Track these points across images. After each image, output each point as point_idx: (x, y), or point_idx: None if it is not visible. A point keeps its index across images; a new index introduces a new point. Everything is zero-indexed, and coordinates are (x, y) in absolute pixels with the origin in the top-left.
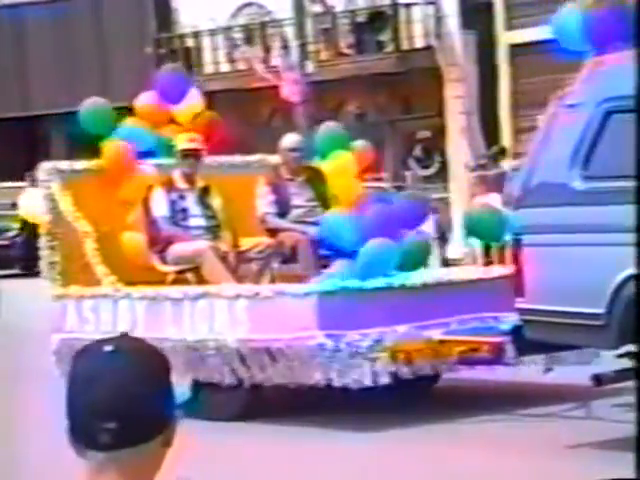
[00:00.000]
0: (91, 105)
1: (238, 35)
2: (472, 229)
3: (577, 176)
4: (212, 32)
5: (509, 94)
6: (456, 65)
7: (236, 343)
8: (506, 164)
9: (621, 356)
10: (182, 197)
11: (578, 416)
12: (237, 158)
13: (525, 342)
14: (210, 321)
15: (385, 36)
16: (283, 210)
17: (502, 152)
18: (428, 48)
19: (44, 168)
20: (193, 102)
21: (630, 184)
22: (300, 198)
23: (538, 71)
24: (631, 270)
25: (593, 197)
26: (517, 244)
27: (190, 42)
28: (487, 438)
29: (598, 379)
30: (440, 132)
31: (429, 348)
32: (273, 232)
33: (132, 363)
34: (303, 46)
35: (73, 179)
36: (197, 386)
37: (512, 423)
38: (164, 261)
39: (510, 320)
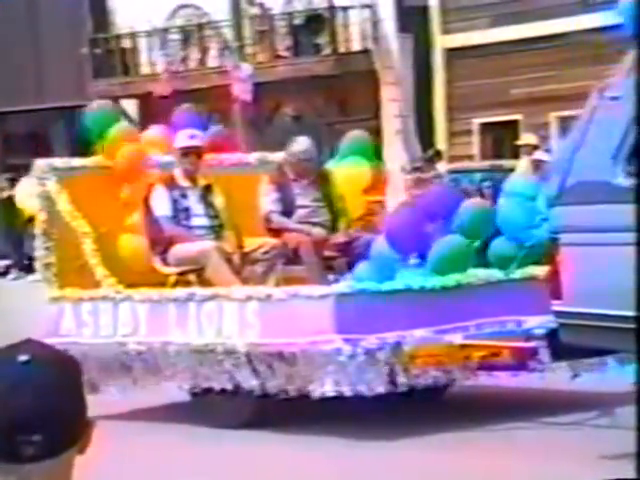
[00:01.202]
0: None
1: (175, 36)
2: None
3: (621, 172)
4: (149, 33)
5: (444, 97)
6: (392, 68)
7: (246, 347)
8: (441, 167)
9: None
10: (184, 195)
11: (605, 425)
12: (237, 156)
13: (560, 346)
14: (218, 324)
15: (322, 39)
16: (287, 209)
17: (437, 155)
18: (365, 51)
19: (39, 165)
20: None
21: None
22: (305, 198)
23: (473, 75)
24: None
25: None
26: (554, 244)
27: (127, 43)
28: (511, 446)
29: None
30: (376, 134)
31: (449, 353)
32: (276, 232)
33: (49, 372)
34: (241, 48)
35: (70, 177)
36: (203, 392)
37: (538, 431)
38: (166, 262)
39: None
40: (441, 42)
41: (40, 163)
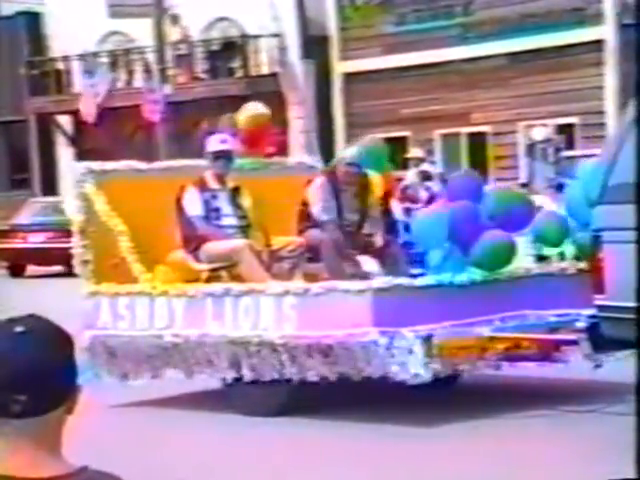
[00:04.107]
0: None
1: (104, 60)
2: None
3: None
4: (81, 57)
5: (343, 116)
6: (297, 90)
7: (282, 339)
8: None
9: None
10: (214, 197)
11: (622, 412)
12: (273, 160)
13: (601, 339)
14: (255, 318)
15: (236, 63)
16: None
17: None
18: (273, 75)
19: (77, 168)
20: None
21: None
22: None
23: (368, 96)
24: None
25: None
26: (597, 242)
27: (60, 65)
28: (531, 432)
29: None
30: (283, 148)
31: (477, 345)
32: (300, 230)
33: (40, 343)
34: (163, 71)
35: (106, 179)
36: (238, 381)
37: (558, 419)
38: (198, 259)
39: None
40: (339, 67)
41: (78, 166)
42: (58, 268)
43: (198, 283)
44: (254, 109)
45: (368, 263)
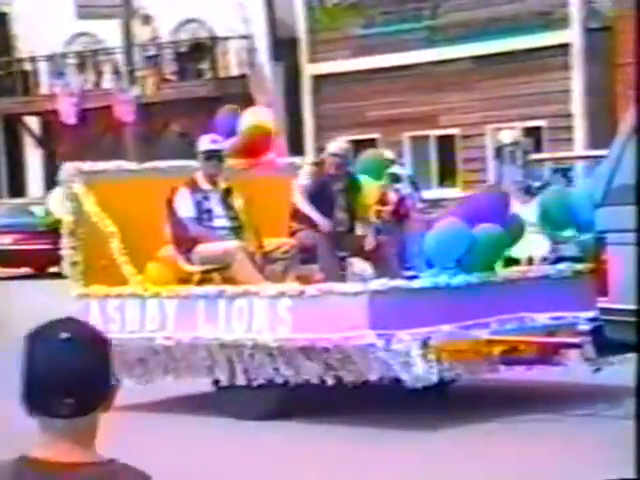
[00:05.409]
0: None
1: (72, 61)
2: None
3: None
4: (48, 58)
5: (313, 118)
6: (266, 92)
7: (277, 342)
8: None
9: None
10: (206, 198)
11: (621, 415)
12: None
13: (604, 341)
14: (249, 320)
15: (204, 65)
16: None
17: None
18: (242, 76)
19: (66, 168)
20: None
21: None
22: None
23: (337, 99)
24: None
25: None
26: (600, 243)
27: (27, 66)
28: (527, 437)
29: None
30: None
31: (474, 348)
32: (292, 231)
33: (84, 348)
34: (131, 72)
35: (96, 180)
36: (229, 384)
37: (554, 423)
38: (190, 261)
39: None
40: (308, 70)
41: (67, 166)
42: (26, 270)
43: (190, 285)
44: (258, 116)
45: (360, 265)
